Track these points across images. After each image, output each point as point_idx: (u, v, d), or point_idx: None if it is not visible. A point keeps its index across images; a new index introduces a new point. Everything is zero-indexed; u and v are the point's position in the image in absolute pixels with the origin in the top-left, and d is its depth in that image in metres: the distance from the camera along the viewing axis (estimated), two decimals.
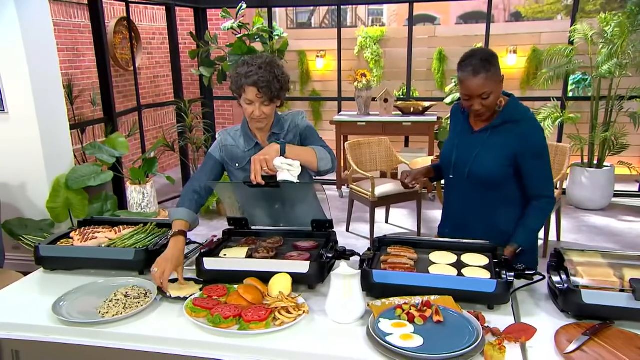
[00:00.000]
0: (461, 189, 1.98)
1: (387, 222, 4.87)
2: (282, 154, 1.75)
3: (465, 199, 1.99)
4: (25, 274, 1.89)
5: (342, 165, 5.63)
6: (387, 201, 4.40)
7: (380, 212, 4.78)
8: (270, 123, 1.95)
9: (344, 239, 4.23)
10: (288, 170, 1.72)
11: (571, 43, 5.12)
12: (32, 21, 3.39)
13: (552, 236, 4.21)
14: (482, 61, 1.75)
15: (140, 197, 4.28)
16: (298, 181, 1.74)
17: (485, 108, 1.81)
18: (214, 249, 1.81)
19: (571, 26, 5.13)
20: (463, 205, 2.01)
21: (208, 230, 1.70)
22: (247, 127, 1.98)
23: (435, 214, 5.01)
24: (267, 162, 1.70)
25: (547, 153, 1.87)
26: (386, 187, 4.32)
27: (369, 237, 4.32)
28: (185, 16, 6.76)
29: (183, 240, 1.78)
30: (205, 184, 1.96)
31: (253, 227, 2.02)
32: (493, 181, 1.89)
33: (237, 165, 1.98)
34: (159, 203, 5.08)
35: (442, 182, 4.84)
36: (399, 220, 4.95)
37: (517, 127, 1.84)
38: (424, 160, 4.49)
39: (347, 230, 4.62)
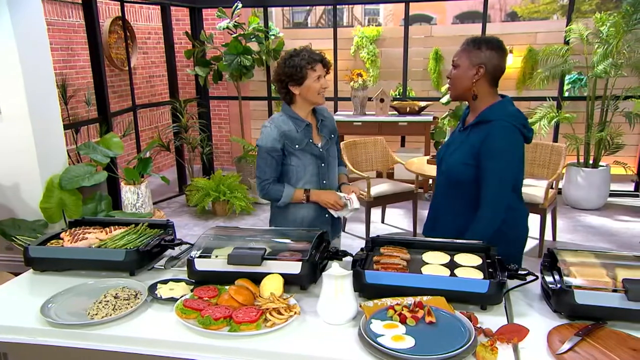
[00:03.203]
0: (437, 187, 2.02)
1: (382, 222, 4.87)
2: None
3: (437, 197, 2.03)
4: (18, 274, 1.88)
5: None
6: (383, 201, 4.40)
7: (376, 212, 4.78)
8: None
9: (339, 239, 4.23)
10: (348, 203, 2.21)
11: (567, 43, 5.13)
12: (26, 20, 3.37)
13: (548, 236, 4.21)
14: (479, 39, 1.82)
15: (135, 197, 4.26)
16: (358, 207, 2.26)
17: (450, 79, 1.87)
18: (205, 249, 1.80)
19: (567, 26, 5.14)
20: (436, 204, 2.04)
21: (203, 231, 1.69)
22: (291, 112, 2.20)
23: None
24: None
25: (503, 159, 1.76)
26: (382, 187, 4.32)
27: (364, 237, 4.31)
28: (180, 16, 6.75)
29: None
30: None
31: (244, 227, 2.04)
32: (456, 180, 1.88)
33: (297, 146, 2.18)
34: (154, 203, 5.06)
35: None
36: (395, 220, 4.94)
37: (486, 127, 1.80)
38: (420, 160, 4.48)
39: (343, 230, 4.60)
